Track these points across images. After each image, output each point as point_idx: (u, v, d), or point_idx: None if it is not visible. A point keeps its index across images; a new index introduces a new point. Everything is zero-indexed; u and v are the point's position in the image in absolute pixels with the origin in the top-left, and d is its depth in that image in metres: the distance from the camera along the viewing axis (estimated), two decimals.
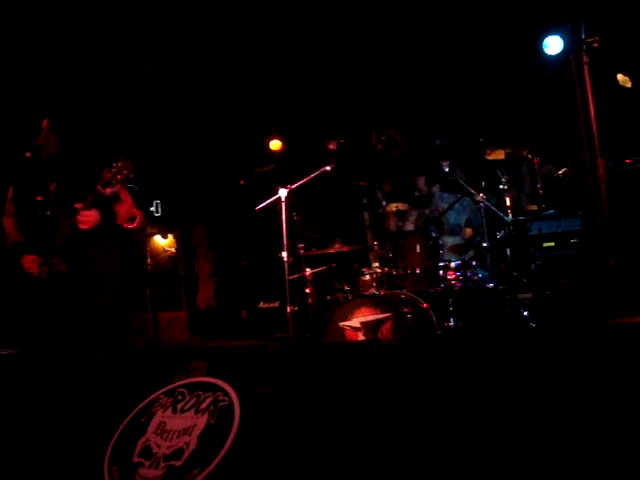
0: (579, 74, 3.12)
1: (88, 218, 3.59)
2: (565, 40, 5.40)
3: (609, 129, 5.11)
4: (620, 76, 5.39)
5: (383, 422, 1.97)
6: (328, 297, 5.34)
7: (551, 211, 5.49)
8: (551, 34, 5.57)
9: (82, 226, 3.58)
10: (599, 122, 3.27)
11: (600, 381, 1.93)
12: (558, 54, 5.55)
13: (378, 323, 4.35)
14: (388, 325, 4.32)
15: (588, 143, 3.17)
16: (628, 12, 5.23)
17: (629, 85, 5.39)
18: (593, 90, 3.26)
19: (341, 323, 4.45)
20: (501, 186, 5.39)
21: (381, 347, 2.13)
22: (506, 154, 5.56)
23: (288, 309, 5.05)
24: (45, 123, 3.76)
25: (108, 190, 3.52)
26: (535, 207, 5.63)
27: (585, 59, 3.04)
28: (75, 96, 5.27)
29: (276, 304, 6.57)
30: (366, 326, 4.37)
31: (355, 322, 4.41)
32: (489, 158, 5.59)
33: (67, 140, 3.84)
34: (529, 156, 5.71)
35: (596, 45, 3.04)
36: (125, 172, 3.49)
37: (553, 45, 5.61)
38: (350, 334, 4.42)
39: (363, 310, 4.43)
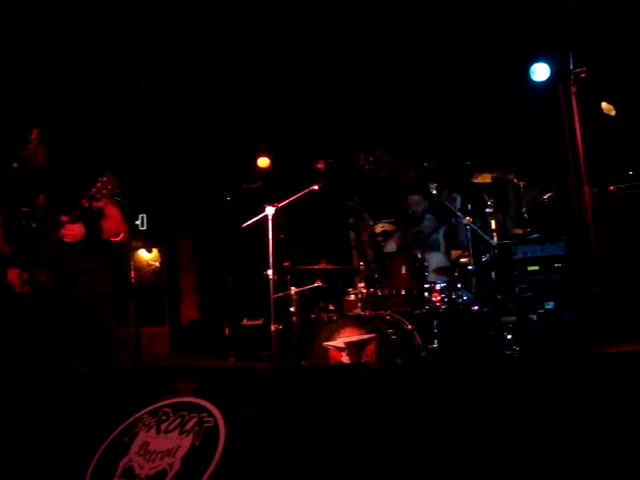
0: (567, 103, 3.17)
1: (73, 232, 3.57)
2: (552, 68, 5.50)
3: (593, 156, 5.18)
4: (604, 104, 5.48)
5: (369, 446, 1.96)
6: (312, 316, 5.33)
7: (536, 235, 5.54)
8: (539, 61, 5.68)
9: (67, 239, 3.57)
10: (584, 149, 3.31)
11: (585, 410, 1.94)
12: (545, 80, 5.65)
13: (362, 344, 4.34)
14: (372, 346, 4.31)
15: (574, 170, 3.21)
16: (613, 42, 5.34)
17: (613, 113, 5.48)
18: (580, 118, 3.31)
19: (325, 343, 4.43)
20: (487, 209, 5.43)
21: (369, 371, 2.12)
22: (492, 178, 5.62)
23: (272, 327, 5.03)
24: (34, 133, 3.76)
25: (93, 205, 3.51)
26: (520, 231, 5.69)
27: (573, 89, 3.09)
28: (64, 108, 5.25)
29: (260, 322, 6.54)
30: (350, 347, 4.36)
31: (339, 342, 4.39)
32: (476, 181, 5.65)
33: (56, 152, 3.83)
34: (515, 180, 5.78)
35: (584, 75, 3.09)
36: (110, 187, 3.49)
37: (540, 72, 5.72)
38: (334, 354, 4.40)
39: (348, 330, 4.41)
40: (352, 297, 4.99)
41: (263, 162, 7.19)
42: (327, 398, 2.04)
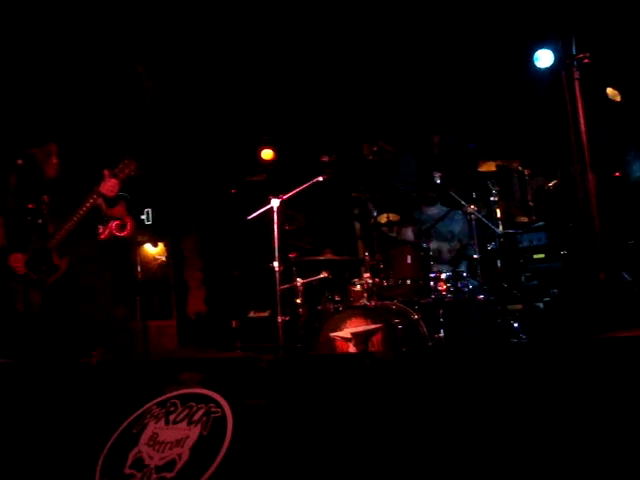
0: (570, 89, 3.16)
1: (113, 186, 3.61)
2: (556, 54, 5.47)
3: (598, 142, 5.16)
4: (609, 90, 5.46)
5: (376, 434, 1.97)
6: (319, 307, 5.34)
7: (541, 223, 5.53)
8: (542, 48, 5.65)
9: (109, 193, 3.62)
10: (588, 135, 3.30)
11: (589, 394, 1.94)
12: (549, 67, 5.61)
13: (369, 334, 4.35)
14: (379, 336, 4.33)
15: (578, 157, 3.20)
16: (618, 27, 5.30)
17: (618, 99, 5.45)
18: (583, 104, 3.29)
19: (332, 334, 4.45)
20: (492, 198, 5.42)
21: (374, 359, 2.13)
22: (497, 166, 5.60)
23: (279, 319, 5.04)
24: (54, 149, 3.81)
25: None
26: (525, 219, 5.66)
27: (576, 74, 3.08)
28: (67, 102, 5.27)
29: (266, 314, 6.55)
30: (357, 337, 4.37)
31: (346, 333, 4.40)
32: (480, 170, 5.63)
33: (66, 159, 3.89)
34: (520, 168, 5.75)
35: (587, 61, 3.08)
36: (131, 169, 3.57)
37: (544, 58, 5.68)
38: (341, 345, 4.42)
39: (354, 321, 4.43)
40: (358, 287, 5.00)
41: (267, 154, 7.18)
42: (333, 387, 2.05)
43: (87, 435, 2.17)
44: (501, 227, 5.37)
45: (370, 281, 4.89)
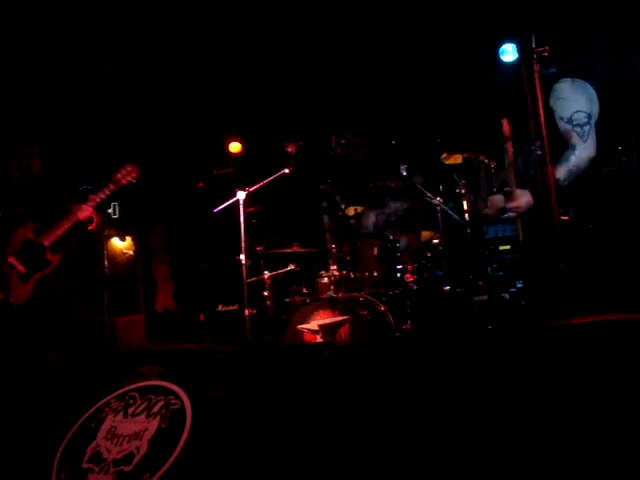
0: (530, 82, 3.21)
1: (88, 212, 3.73)
2: (520, 48, 5.52)
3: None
4: None
5: (335, 424, 1.98)
6: (286, 300, 5.34)
7: (507, 215, 5.58)
8: (508, 42, 5.70)
9: (84, 219, 3.77)
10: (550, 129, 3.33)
11: (543, 380, 1.98)
12: (514, 61, 5.67)
13: (336, 326, 4.36)
14: (346, 328, 4.34)
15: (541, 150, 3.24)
16: (578, 22, 5.37)
17: None
18: (544, 98, 3.33)
19: (299, 326, 4.45)
20: (458, 190, 5.46)
21: (333, 349, 2.14)
22: (463, 159, 5.65)
23: (246, 312, 5.03)
24: (36, 150, 3.86)
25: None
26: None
27: (536, 67, 3.12)
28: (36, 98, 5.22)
29: (235, 307, 6.54)
30: (324, 329, 4.38)
31: (313, 325, 4.41)
32: (447, 162, 5.67)
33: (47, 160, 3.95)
34: (486, 161, 5.81)
35: (546, 54, 3.12)
36: (132, 176, 3.64)
37: (509, 52, 5.74)
38: (308, 337, 4.43)
39: (321, 313, 4.44)
40: (325, 280, 5.00)
41: (235, 147, 7.15)
42: (292, 377, 2.05)
43: (44, 430, 2.14)
44: (467, 219, 5.42)
45: (337, 273, 4.90)
